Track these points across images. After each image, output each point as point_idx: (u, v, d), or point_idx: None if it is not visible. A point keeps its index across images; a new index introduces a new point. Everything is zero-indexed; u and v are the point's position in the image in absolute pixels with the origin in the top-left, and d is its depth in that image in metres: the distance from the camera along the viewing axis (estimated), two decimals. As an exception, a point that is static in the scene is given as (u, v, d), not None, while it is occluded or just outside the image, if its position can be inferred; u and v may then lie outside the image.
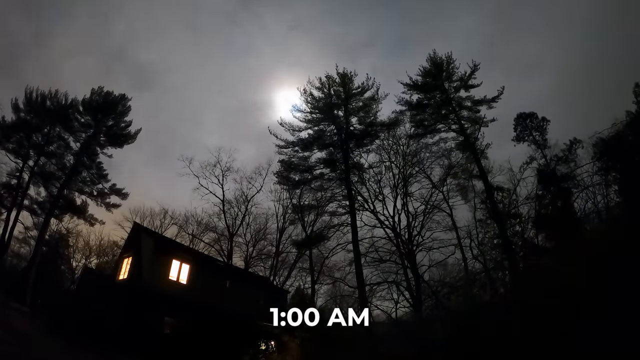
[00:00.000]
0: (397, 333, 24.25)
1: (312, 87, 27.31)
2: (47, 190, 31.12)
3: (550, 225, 20.54)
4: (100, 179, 32.11)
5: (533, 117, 24.84)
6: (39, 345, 13.36)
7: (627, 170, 18.16)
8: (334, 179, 27.08)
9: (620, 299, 9.36)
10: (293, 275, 34.72)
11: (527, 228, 22.79)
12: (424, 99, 26.68)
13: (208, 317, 16.78)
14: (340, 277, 29.94)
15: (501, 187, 24.71)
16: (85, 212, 32.03)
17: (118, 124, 32.57)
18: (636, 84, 20.89)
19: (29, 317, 20.05)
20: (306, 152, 27.58)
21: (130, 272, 18.32)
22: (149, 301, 16.18)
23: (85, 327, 16.42)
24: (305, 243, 30.90)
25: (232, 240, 33.47)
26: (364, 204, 26.78)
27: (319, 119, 27.52)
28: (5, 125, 29.27)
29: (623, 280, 9.61)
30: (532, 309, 11.91)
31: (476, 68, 25.06)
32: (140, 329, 15.54)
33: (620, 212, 18.24)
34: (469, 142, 24.76)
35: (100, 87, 32.03)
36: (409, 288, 24.31)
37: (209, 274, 21.11)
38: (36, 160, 30.00)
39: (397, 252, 25.12)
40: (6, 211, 28.58)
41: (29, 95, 30.01)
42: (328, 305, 34.72)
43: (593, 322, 9.61)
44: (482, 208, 25.12)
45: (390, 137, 27.36)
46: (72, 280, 33.88)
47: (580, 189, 21.62)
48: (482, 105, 25.36)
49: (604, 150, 19.59)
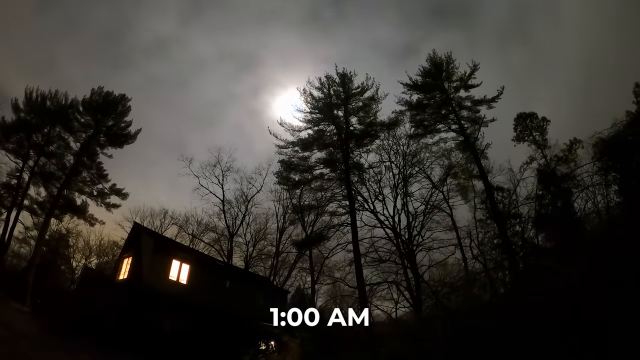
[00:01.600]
0: (397, 333, 24.27)
1: (312, 87, 27.38)
2: (47, 190, 31.14)
3: (550, 225, 20.54)
4: (100, 179, 32.11)
5: (533, 117, 24.87)
6: (39, 345, 13.35)
7: (627, 170, 18.15)
8: (334, 179, 27.10)
9: (620, 299, 9.37)
10: (293, 275, 34.78)
11: (527, 228, 22.80)
12: (423, 99, 26.69)
13: (208, 317, 16.78)
14: (340, 277, 30.02)
15: (501, 187, 24.73)
16: (85, 212, 32.02)
17: (118, 124, 32.57)
18: (636, 84, 20.91)
19: (29, 317, 20.05)
20: (306, 152, 27.59)
21: (130, 272, 18.32)
22: (149, 301, 16.17)
23: (85, 327, 16.44)
24: (305, 243, 30.90)
25: (232, 240, 33.49)
26: (364, 204, 26.83)
27: (319, 119, 27.54)
28: (5, 125, 29.28)
29: (623, 280, 9.62)
30: (532, 309, 11.91)
31: (476, 68, 25.10)
32: (140, 329, 15.54)
33: (620, 212, 18.25)
34: (469, 142, 24.78)
35: (100, 87, 32.03)
36: (409, 288, 24.33)
37: (209, 274, 21.10)
38: (36, 160, 29.99)
39: (397, 252, 25.15)
40: (6, 211, 28.60)
41: (29, 95, 30.01)
42: (328, 305, 34.81)
43: (593, 322, 9.61)
44: (482, 208, 25.14)
45: (390, 137, 27.43)
46: (72, 280, 33.85)
47: (580, 189, 21.63)
48: (482, 105, 25.41)
49: (604, 150, 19.59)
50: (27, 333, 15.39)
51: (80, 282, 29.11)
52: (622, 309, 9.19)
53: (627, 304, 9.18)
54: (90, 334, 16.05)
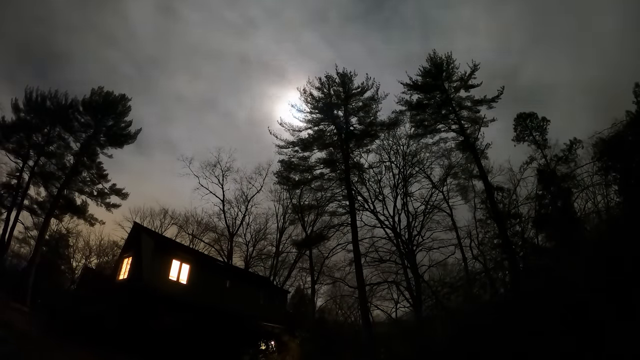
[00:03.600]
0: (397, 333, 24.27)
1: (312, 87, 27.34)
2: (47, 190, 31.18)
3: (550, 225, 20.53)
4: (100, 179, 32.15)
5: (533, 117, 24.86)
6: (39, 345, 13.34)
7: (627, 170, 18.16)
8: (334, 179, 27.07)
9: (620, 299, 9.36)
10: (293, 275, 34.81)
11: (527, 228, 22.78)
12: (424, 99, 26.65)
13: (208, 317, 16.77)
14: (340, 277, 30.01)
15: (501, 187, 24.71)
16: (85, 212, 32.05)
17: (118, 124, 32.59)
18: (636, 84, 20.90)
19: (29, 317, 20.05)
20: (306, 152, 27.57)
21: (130, 272, 18.32)
22: (149, 301, 16.17)
23: (85, 327, 16.44)
24: (305, 243, 30.92)
25: (232, 240, 33.51)
26: (364, 204, 26.81)
27: (319, 119, 27.51)
28: (5, 125, 29.30)
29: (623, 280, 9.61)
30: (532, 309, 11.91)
31: (476, 68, 25.04)
32: (140, 329, 15.54)
33: (620, 212, 18.25)
34: (469, 142, 24.76)
35: (100, 87, 32.09)
36: (409, 288, 24.34)
37: (209, 274, 21.11)
38: (36, 160, 30.03)
39: (397, 252, 25.15)
40: (6, 211, 28.64)
41: (29, 95, 30.05)
42: (328, 305, 34.86)
43: (593, 322, 9.61)
44: (482, 208, 25.14)
45: (390, 137, 27.43)
46: (72, 280, 33.86)
47: (580, 189, 21.63)
48: (482, 105, 25.36)
49: (604, 150, 19.59)
50: (27, 333, 15.40)
51: (80, 282, 29.11)
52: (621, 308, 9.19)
53: (626, 303, 9.18)
54: (90, 334, 16.08)
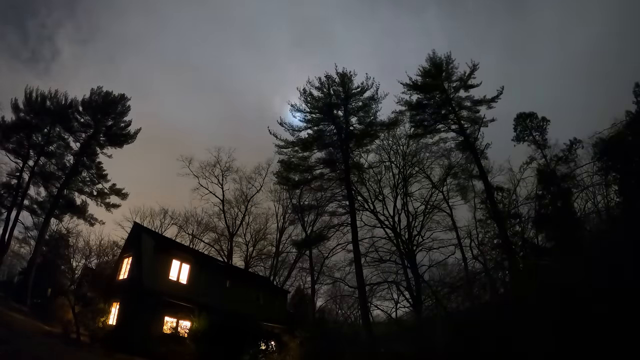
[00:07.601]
0: (397, 333, 24.28)
1: (312, 87, 27.26)
2: (47, 190, 31.22)
3: (550, 225, 20.53)
4: (100, 179, 32.16)
5: (533, 117, 24.85)
6: (38, 345, 13.35)
7: (627, 170, 18.17)
8: (334, 179, 27.05)
9: (620, 299, 9.37)
10: (293, 275, 34.79)
11: (527, 228, 22.77)
12: (423, 99, 26.64)
13: (208, 317, 16.75)
14: (340, 277, 29.98)
15: (501, 187, 24.71)
16: (85, 212, 32.08)
17: (118, 124, 32.60)
18: (636, 84, 20.90)
19: (29, 317, 20.07)
20: (306, 152, 27.52)
21: (130, 272, 18.31)
22: (149, 301, 16.17)
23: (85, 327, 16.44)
24: (305, 243, 30.91)
25: (232, 240, 33.50)
26: (364, 204, 26.82)
27: (319, 119, 27.46)
28: (5, 125, 29.30)
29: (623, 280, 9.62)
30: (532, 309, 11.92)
31: (475, 68, 25.03)
32: (140, 329, 15.54)
33: (620, 212, 18.26)
34: (468, 142, 24.76)
35: (100, 87, 32.10)
36: (409, 288, 24.33)
37: (209, 274, 21.09)
38: (36, 160, 30.04)
39: (397, 252, 25.14)
40: (6, 211, 28.64)
41: (28, 95, 30.04)
42: (328, 305, 34.86)
43: (593, 322, 9.61)
44: (482, 208, 25.11)
45: (390, 137, 27.43)
46: (72, 280, 33.86)
47: (580, 189, 21.62)
48: (481, 105, 25.36)
49: (604, 150, 19.59)
50: (27, 333, 15.41)
51: (80, 282, 29.14)
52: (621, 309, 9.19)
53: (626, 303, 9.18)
54: (90, 334, 16.08)
